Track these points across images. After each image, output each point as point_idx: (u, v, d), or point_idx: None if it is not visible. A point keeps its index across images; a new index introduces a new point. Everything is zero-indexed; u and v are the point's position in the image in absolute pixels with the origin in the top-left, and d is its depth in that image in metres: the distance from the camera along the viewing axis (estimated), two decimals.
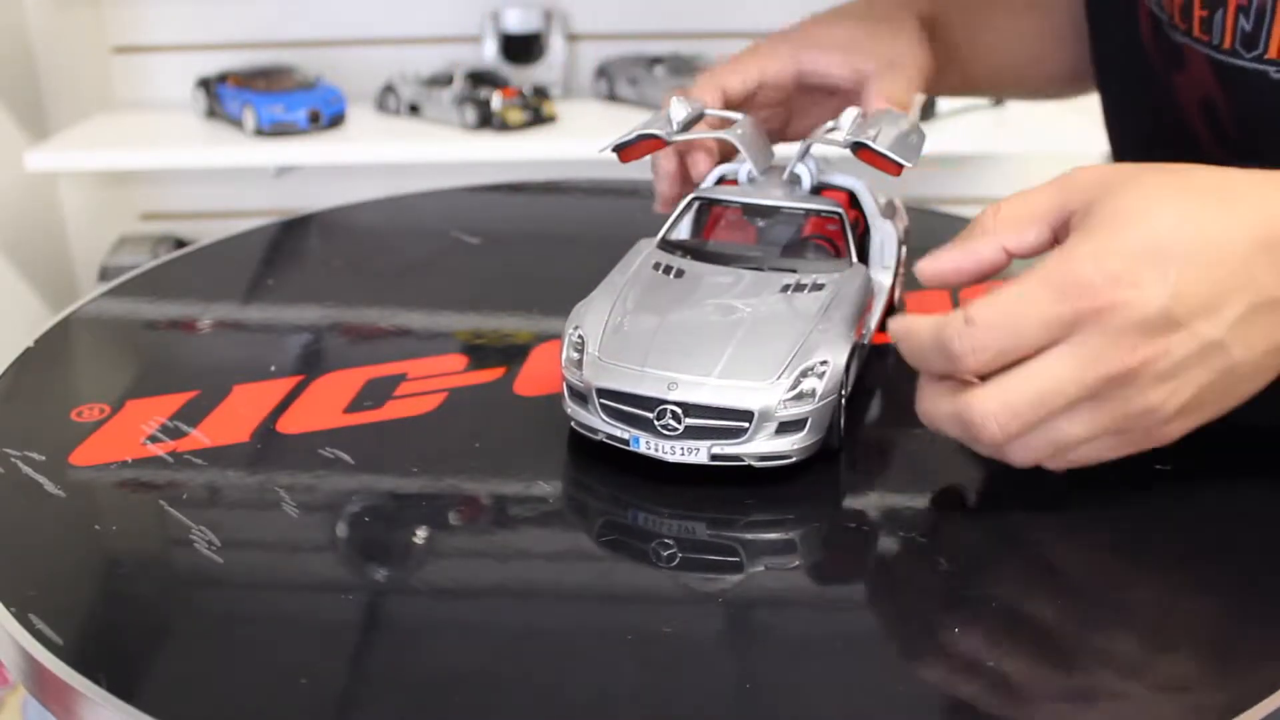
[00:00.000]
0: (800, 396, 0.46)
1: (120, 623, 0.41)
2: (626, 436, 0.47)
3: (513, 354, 0.59)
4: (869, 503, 0.48)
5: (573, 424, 0.49)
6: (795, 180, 0.57)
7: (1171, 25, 0.59)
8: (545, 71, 1.83)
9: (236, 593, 0.42)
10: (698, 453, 0.46)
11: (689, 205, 0.57)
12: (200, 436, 0.51)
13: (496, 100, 1.64)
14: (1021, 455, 0.44)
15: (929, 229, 0.79)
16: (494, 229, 0.79)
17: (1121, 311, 0.40)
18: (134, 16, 1.84)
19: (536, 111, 1.65)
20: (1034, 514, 0.46)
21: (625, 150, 0.55)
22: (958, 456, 0.51)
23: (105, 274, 1.79)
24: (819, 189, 0.58)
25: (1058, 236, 0.45)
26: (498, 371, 0.57)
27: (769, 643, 0.40)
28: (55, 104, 1.80)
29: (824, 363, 0.47)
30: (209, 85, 1.73)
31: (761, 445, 0.46)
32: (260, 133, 1.64)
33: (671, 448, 0.46)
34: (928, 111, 1.64)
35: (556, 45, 1.83)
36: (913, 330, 0.44)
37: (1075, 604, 0.41)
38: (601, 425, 0.48)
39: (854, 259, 0.54)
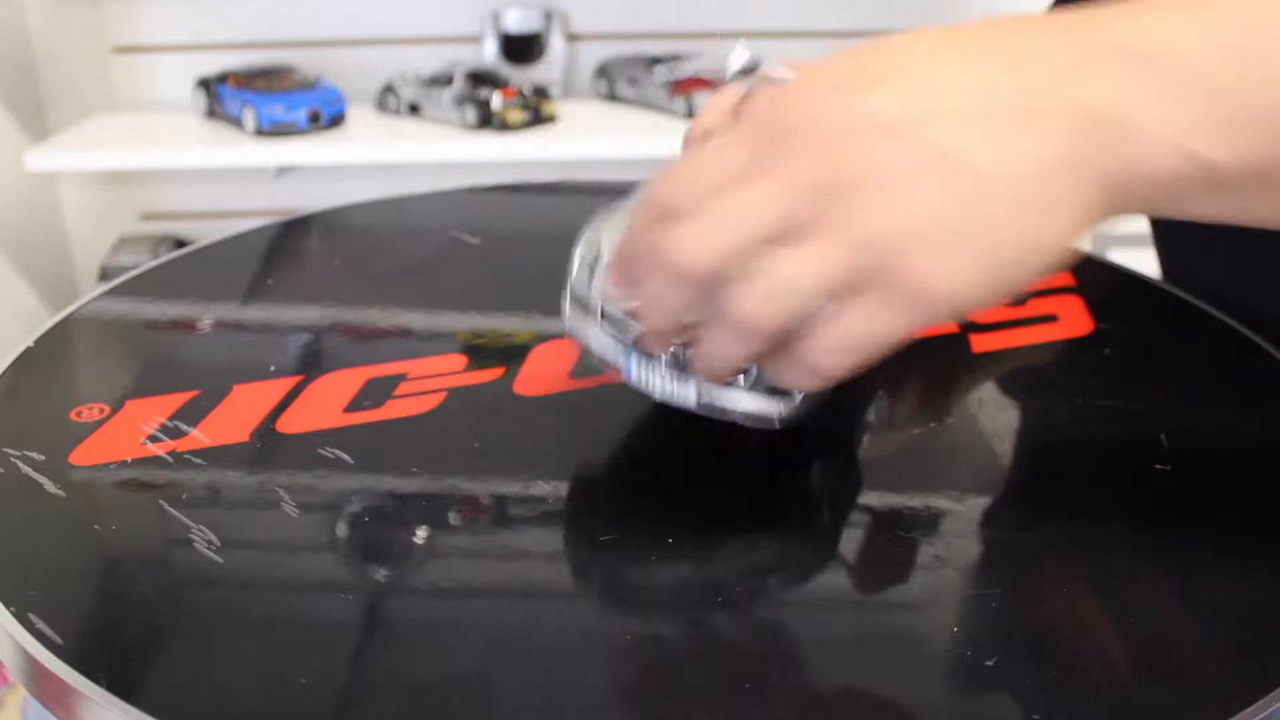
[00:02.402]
0: None
1: (120, 622, 0.41)
2: (622, 362, 0.45)
3: (513, 354, 0.59)
4: (868, 502, 0.48)
5: (570, 334, 0.47)
6: None
7: None
8: (545, 71, 1.83)
9: (236, 593, 0.42)
10: (686, 395, 0.45)
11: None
12: (200, 436, 0.51)
13: (496, 100, 1.64)
14: (747, 318, 0.36)
15: None
16: (494, 229, 0.79)
17: (833, 111, 0.34)
18: (134, 16, 1.84)
19: (536, 111, 1.65)
20: (1034, 513, 0.46)
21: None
22: (957, 456, 0.51)
23: (105, 274, 1.79)
24: None
25: None
26: (498, 371, 0.57)
27: (769, 643, 0.40)
28: (55, 104, 1.80)
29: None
30: (209, 85, 1.73)
31: (751, 401, 0.45)
32: (260, 133, 1.64)
33: (664, 382, 0.45)
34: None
35: (556, 45, 1.83)
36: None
37: (1075, 604, 0.41)
38: (601, 346, 0.46)
39: None
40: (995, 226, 0.34)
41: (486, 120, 1.64)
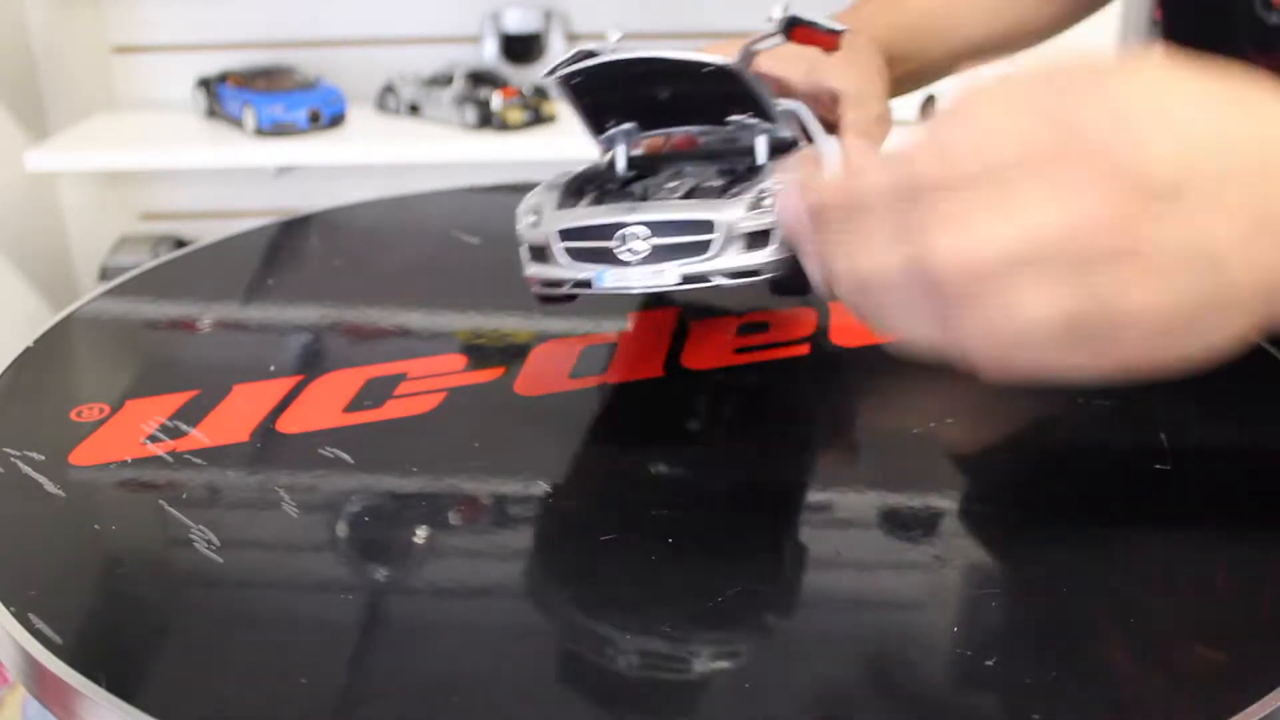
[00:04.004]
0: (762, 211, 0.45)
1: (120, 623, 0.41)
2: (590, 275, 0.46)
3: (512, 354, 0.59)
4: (868, 502, 0.48)
5: (536, 289, 0.48)
6: None
7: (1265, 3, 0.56)
8: (545, 71, 1.83)
9: (236, 593, 0.42)
10: (665, 274, 0.45)
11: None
12: (200, 436, 0.51)
13: (496, 100, 1.64)
14: (974, 328, 0.34)
15: None
16: (494, 229, 0.79)
17: (1120, 160, 0.31)
18: (134, 16, 1.84)
19: (536, 111, 1.65)
20: (1034, 513, 0.46)
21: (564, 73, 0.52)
22: (957, 456, 0.51)
23: (105, 274, 1.79)
24: None
25: None
26: (497, 371, 0.57)
27: (769, 642, 0.40)
28: (55, 104, 1.80)
29: (781, 182, 0.45)
30: (209, 85, 1.73)
31: (730, 260, 0.45)
32: (260, 133, 1.64)
33: (639, 274, 0.45)
34: (927, 111, 1.64)
35: (556, 45, 1.83)
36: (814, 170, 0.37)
37: (1074, 604, 0.41)
38: (565, 272, 0.46)
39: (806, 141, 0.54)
40: (1217, 327, 0.34)
41: (486, 120, 1.64)
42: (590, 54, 0.52)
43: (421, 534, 0.46)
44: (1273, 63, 0.59)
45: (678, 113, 0.53)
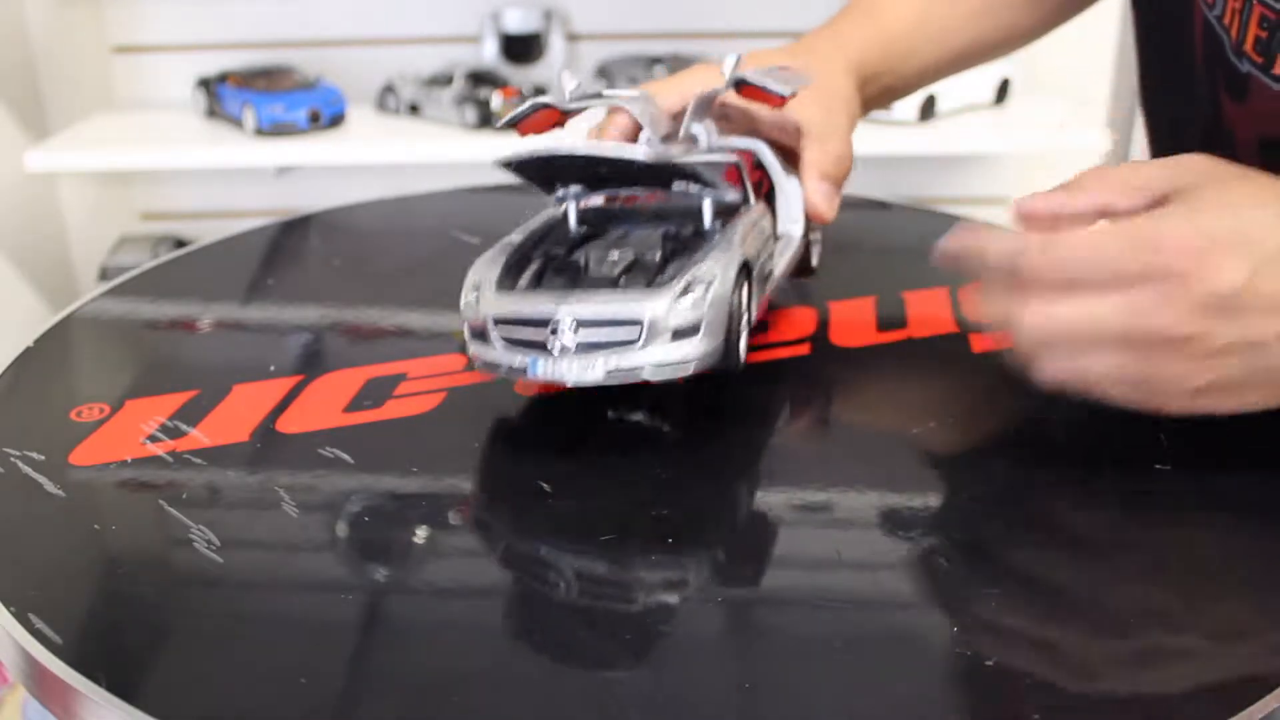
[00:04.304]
0: (691, 303, 0.47)
1: (120, 623, 0.41)
2: (524, 363, 0.47)
3: None
4: (868, 502, 0.48)
5: (476, 364, 0.50)
6: (692, 140, 0.57)
7: (1237, 50, 0.58)
8: (545, 71, 1.83)
9: (236, 593, 0.42)
10: (594, 369, 0.46)
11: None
12: (200, 436, 0.51)
13: (496, 100, 1.64)
14: (1047, 368, 0.46)
15: (928, 229, 0.79)
16: (494, 229, 0.79)
17: (1191, 283, 0.41)
18: (134, 16, 1.84)
19: None
20: (1033, 513, 0.46)
21: (523, 123, 0.56)
22: (957, 456, 0.51)
23: (105, 274, 1.79)
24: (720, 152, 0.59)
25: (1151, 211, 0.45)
26: None
27: (769, 643, 0.40)
28: (55, 104, 1.80)
29: (712, 271, 0.48)
30: (209, 85, 1.73)
31: (657, 354, 0.46)
32: (260, 133, 1.64)
33: (569, 367, 0.46)
34: (927, 112, 1.64)
35: (556, 45, 1.83)
36: (988, 237, 0.46)
37: (1074, 603, 0.41)
38: (501, 357, 0.48)
39: (750, 199, 0.55)
40: (1257, 396, 0.45)
41: (486, 120, 1.64)
42: (545, 105, 0.55)
43: (421, 534, 0.46)
44: (1244, 111, 0.59)
45: (625, 178, 0.55)
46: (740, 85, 0.54)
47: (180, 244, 1.83)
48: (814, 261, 0.63)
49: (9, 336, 1.56)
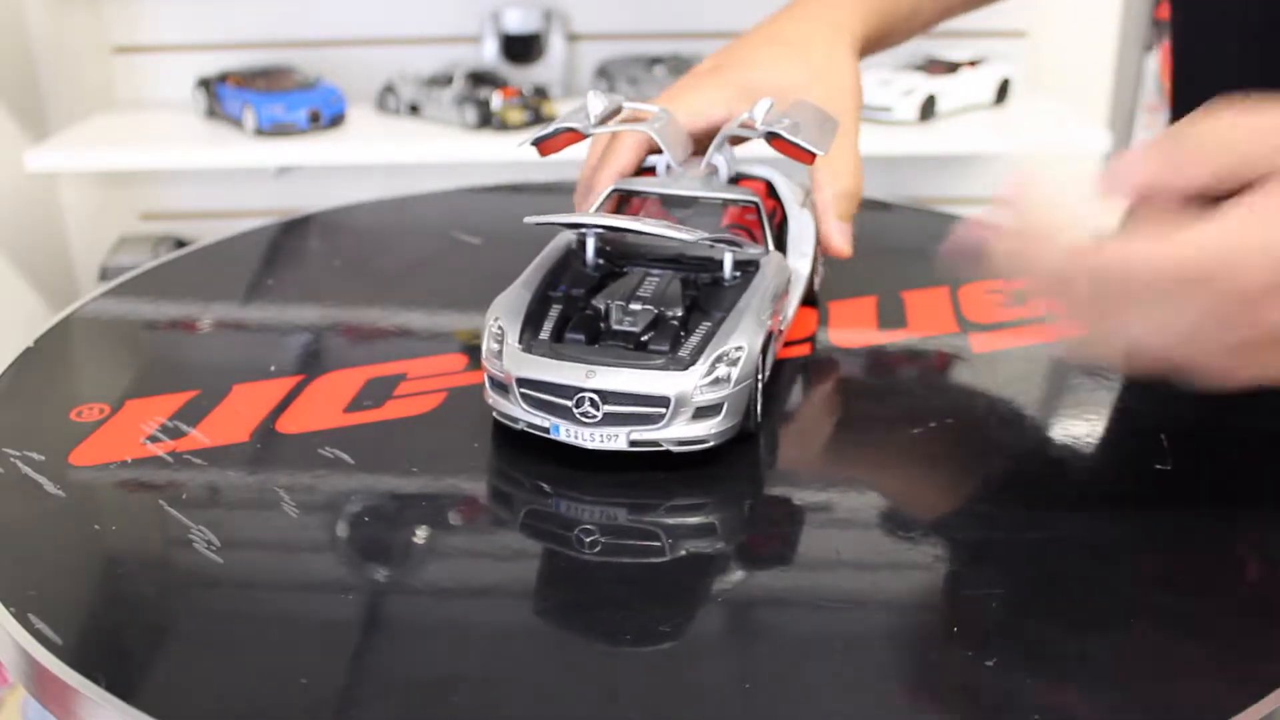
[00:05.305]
0: (716, 382, 0.47)
1: (120, 623, 0.41)
2: (547, 425, 0.48)
3: None
4: (868, 502, 0.48)
5: (494, 414, 0.50)
6: (713, 171, 0.58)
7: None
8: (545, 71, 1.83)
9: (236, 593, 0.42)
10: (616, 439, 0.47)
11: (608, 197, 0.57)
12: (200, 436, 0.51)
13: (496, 100, 1.64)
14: (1137, 363, 0.43)
15: (928, 229, 0.80)
16: (494, 229, 0.79)
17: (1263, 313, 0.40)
18: (134, 16, 1.84)
19: (536, 111, 1.65)
20: (1034, 513, 0.46)
21: (544, 144, 0.56)
22: (957, 456, 0.51)
23: (105, 274, 1.79)
24: (737, 179, 0.59)
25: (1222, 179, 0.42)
26: None
27: (769, 642, 0.40)
28: (55, 104, 1.80)
29: (739, 349, 0.48)
30: (209, 85, 1.73)
31: (679, 430, 0.47)
32: (260, 133, 1.64)
33: (591, 435, 0.47)
34: (927, 112, 1.65)
35: (556, 45, 1.83)
36: (1036, 243, 0.43)
37: (1074, 604, 0.41)
38: (522, 414, 0.48)
39: (770, 247, 0.55)
40: None
41: (486, 120, 1.64)
42: (569, 129, 0.55)
43: (421, 534, 0.46)
44: None
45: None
46: (771, 137, 0.54)
47: (180, 244, 1.83)
48: (816, 286, 0.63)
49: (9, 336, 1.56)
